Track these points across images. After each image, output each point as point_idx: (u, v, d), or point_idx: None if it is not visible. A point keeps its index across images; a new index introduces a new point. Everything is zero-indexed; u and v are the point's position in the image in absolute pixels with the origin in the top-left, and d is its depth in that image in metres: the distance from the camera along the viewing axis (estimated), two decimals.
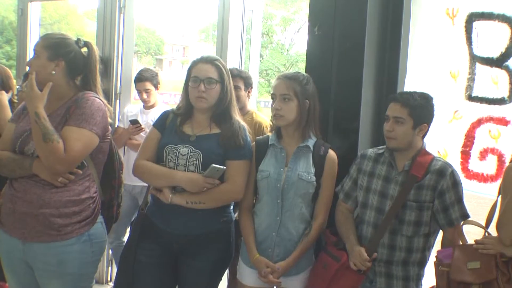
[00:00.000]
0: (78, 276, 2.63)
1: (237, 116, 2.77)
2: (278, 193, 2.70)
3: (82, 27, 24.76)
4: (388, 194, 2.61)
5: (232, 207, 2.90)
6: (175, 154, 2.68)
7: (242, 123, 2.78)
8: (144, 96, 4.41)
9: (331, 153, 2.78)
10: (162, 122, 2.82)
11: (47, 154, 2.43)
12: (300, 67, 24.26)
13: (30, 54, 5.43)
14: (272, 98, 2.75)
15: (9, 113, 3.59)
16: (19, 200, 2.53)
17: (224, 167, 2.62)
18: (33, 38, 5.50)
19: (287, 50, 27.54)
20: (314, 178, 2.70)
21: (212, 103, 2.72)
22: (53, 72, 2.57)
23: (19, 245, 2.57)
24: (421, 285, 2.67)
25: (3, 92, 3.75)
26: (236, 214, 2.95)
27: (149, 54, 31.26)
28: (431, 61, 3.04)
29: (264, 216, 2.74)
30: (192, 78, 2.71)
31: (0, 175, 2.63)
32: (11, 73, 4.07)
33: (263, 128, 3.63)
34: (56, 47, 2.59)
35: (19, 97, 2.53)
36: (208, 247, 2.75)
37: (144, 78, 4.42)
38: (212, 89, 2.69)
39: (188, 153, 2.66)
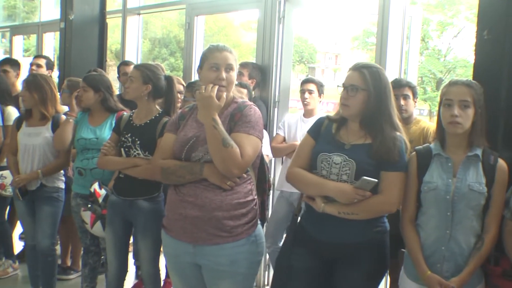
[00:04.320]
0: (248, 276, 2.75)
1: (392, 128, 2.65)
2: (447, 205, 2.57)
3: (238, 38, 25.81)
4: None
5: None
6: (328, 162, 2.66)
7: (399, 134, 2.67)
8: (306, 95, 4.49)
9: (502, 162, 2.61)
10: (316, 129, 2.82)
11: (225, 158, 2.55)
12: (458, 73, 23.11)
13: (195, 65, 5.75)
14: (449, 105, 2.58)
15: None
16: (189, 205, 2.66)
17: (376, 180, 2.55)
18: (198, 50, 5.84)
19: (444, 56, 26.39)
20: (485, 189, 2.54)
21: (355, 110, 2.66)
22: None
23: (189, 248, 2.71)
24: None
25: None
26: None
27: (302, 63, 31.67)
28: None
29: (431, 230, 2.63)
30: (340, 86, 2.71)
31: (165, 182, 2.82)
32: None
33: (432, 133, 3.53)
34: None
35: (197, 98, 2.67)
36: (361, 257, 2.69)
37: (311, 80, 4.52)
38: (354, 96, 2.64)
39: (341, 162, 2.64)
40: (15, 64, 5.68)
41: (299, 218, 2.87)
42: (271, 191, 3.17)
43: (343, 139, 2.72)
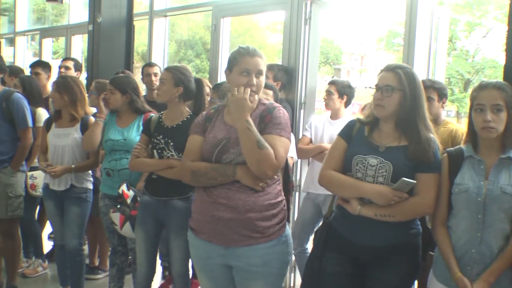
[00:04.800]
0: (278, 276, 2.77)
1: (426, 129, 2.64)
2: (478, 208, 2.53)
3: (263, 40, 25.82)
4: None
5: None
6: (364, 164, 2.66)
7: (432, 135, 2.65)
8: (325, 96, 4.48)
9: None
10: (348, 131, 2.82)
11: (260, 160, 2.56)
12: (487, 74, 22.76)
13: (221, 67, 5.78)
14: (481, 109, 2.53)
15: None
16: (222, 207, 2.67)
17: (415, 181, 2.54)
18: (224, 52, 5.86)
19: (472, 57, 26.03)
20: None
21: (390, 111, 2.65)
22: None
23: (220, 250, 2.73)
24: None
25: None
26: None
27: (327, 64, 31.57)
28: None
29: (462, 232, 2.59)
30: (372, 87, 2.70)
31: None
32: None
33: (460, 135, 3.51)
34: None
35: (230, 100, 2.69)
36: (396, 260, 2.68)
37: (331, 81, 4.55)
38: (389, 96, 2.63)
39: (377, 164, 2.63)
40: (46, 67, 5.78)
41: (330, 221, 2.86)
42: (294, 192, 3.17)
43: (377, 141, 2.71)
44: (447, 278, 2.61)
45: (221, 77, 5.76)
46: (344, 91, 4.49)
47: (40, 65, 5.77)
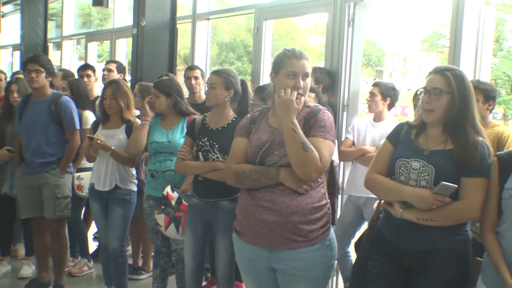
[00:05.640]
0: (322, 280, 2.76)
1: (475, 133, 2.58)
2: None
3: (305, 42, 25.75)
4: None
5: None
6: (406, 168, 2.63)
7: (482, 139, 2.59)
8: (368, 98, 4.45)
9: None
10: (395, 135, 2.79)
11: (305, 162, 2.56)
12: None
13: (264, 70, 5.79)
14: None
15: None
16: (265, 210, 2.68)
17: (455, 186, 2.48)
18: (266, 54, 5.86)
19: None
20: None
21: (439, 115, 2.60)
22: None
23: (264, 253, 2.74)
24: None
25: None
26: None
27: (369, 66, 31.28)
28: None
29: (511, 238, 2.53)
30: (420, 90, 2.68)
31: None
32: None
33: (506, 137, 3.45)
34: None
35: (276, 102, 2.71)
36: (441, 265, 2.63)
37: (375, 83, 4.51)
38: (437, 99, 2.58)
39: (420, 168, 2.60)
40: (94, 70, 5.94)
41: (376, 224, 2.84)
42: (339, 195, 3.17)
43: (422, 145, 2.68)
44: (497, 285, 2.54)
45: (263, 80, 5.77)
46: (388, 93, 4.43)
47: (90, 68, 5.92)
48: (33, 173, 4.40)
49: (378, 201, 2.91)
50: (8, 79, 6.60)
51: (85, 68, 5.95)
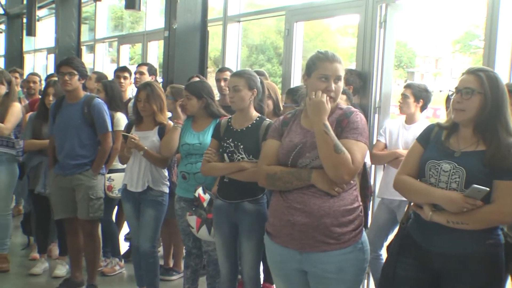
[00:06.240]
0: (354, 283, 2.74)
1: (508, 135, 2.53)
2: None
3: (335, 43, 25.60)
4: None
5: None
6: (437, 170, 2.59)
7: None
8: (400, 100, 4.39)
9: None
10: (426, 136, 2.76)
11: (337, 164, 2.56)
12: None
13: (294, 72, 5.78)
14: None
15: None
16: (297, 212, 2.68)
17: (487, 189, 2.43)
18: (297, 56, 5.85)
19: None
20: None
21: (469, 115, 2.55)
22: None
23: (295, 255, 2.73)
24: None
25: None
26: None
27: (400, 67, 30.96)
28: None
29: None
30: (451, 90, 2.63)
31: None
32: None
33: None
34: None
35: (307, 104, 2.70)
36: (472, 270, 2.57)
37: (408, 85, 4.44)
38: (468, 99, 2.54)
39: (450, 170, 2.55)
40: (131, 73, 6.03)
41: (406, 226, 2.80)
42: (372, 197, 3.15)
43: (453, 146, 2.63)
44: None
45: (294, 82, 5.76)
46: (421, 95, 4.37)
47: (127, 71, 6.01)
48: (66, 175, 4.46)
49: (408, 203, 2.88)
50: (42, 82, 6.75)
51: (123, 70, 6.05)
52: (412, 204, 2.75)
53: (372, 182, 4.85)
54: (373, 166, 4.75)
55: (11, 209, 5.48)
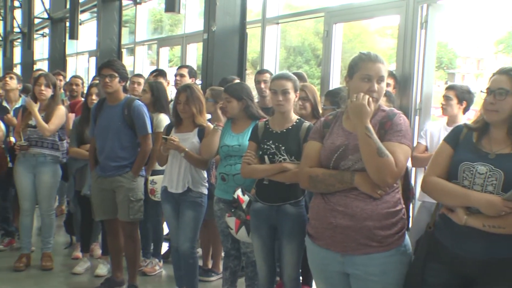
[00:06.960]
0: (396, 286, 2.70)
1: None
2: None
3: (373, 44, 25.35)
4: None
5: None
6: (471, 172, 2.52)
7: None
8: (443, 101, 4.34)
9: None
10: (455, 137, 2.69)
11: (380, 167, 2.54)
12: None
13: (333, 74, 5.75)
14: None
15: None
16: (340, 214, 2.67)
17: None
18: (336, 58, 5.82)
19: None
20: None
21: (504, 116, 2.49)
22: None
23: (337, 257, 2.72)
24: None
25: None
26: None
27: (440, 69, 30.47)
28: None
29: None
30: (483, 91, 2.56)
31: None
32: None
33: None
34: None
35: (349, 106, 2.69)
36: (508, 276, 2.49)
37: (450, 86, 4.39)
38: (502, 100, 2.47)
39: (487, 172, 2.48)
40: (165, 75, 6.11)
41: (433, 230, 2.73)
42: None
43: (486, 148, 2.56)
44: None
45: (333, 84, 5.73)
46: (464, 97, 4.30)
47: (160, 74, 6.07)
48: (107, 176, 4.52)
49: (436, 206, 2.80)
50: (85, 84, 6.88)
51: (161, 73, 6.11)
52: (442, 207, 2.66)
53: (413, 185, 4.79)
54: (413, 168, 4.68)
55: (54, 209, 5.60)
